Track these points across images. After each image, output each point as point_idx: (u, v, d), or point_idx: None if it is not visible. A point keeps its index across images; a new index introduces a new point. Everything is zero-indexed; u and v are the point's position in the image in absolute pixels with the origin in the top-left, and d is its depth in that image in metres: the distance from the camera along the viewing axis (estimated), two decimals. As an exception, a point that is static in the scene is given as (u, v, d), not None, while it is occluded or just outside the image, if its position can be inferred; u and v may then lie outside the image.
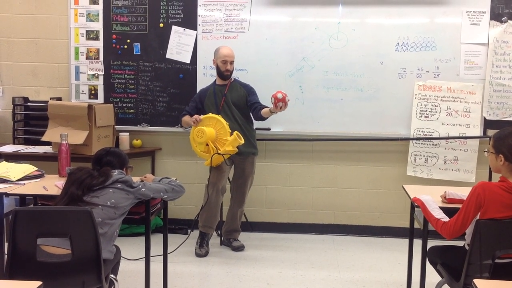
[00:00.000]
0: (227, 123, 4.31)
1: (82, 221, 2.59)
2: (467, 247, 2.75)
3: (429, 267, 3.14)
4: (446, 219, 2.77)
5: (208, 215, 4.54)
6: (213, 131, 4.28)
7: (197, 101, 4.63)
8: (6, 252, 2.96)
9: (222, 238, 4.84)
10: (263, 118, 4.42)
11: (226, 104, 4.50)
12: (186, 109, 4.64)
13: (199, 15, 5.02)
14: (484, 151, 2.89)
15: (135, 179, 3.18)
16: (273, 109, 4.17)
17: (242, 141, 4.24)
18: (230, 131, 4.28)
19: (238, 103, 4.52)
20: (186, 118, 4.53)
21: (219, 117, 4.34)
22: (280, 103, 4.09)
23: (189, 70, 5.07)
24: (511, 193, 2.57)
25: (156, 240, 3.87)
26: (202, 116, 4.39)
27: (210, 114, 4.40)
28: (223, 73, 4.50)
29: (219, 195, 4.52)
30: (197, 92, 4.81)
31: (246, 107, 4.55)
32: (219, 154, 4.22)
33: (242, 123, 4.50)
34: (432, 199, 2.96)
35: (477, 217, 2.63)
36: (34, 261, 2.58)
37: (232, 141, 4.19)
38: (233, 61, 4.54)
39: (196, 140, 4.28)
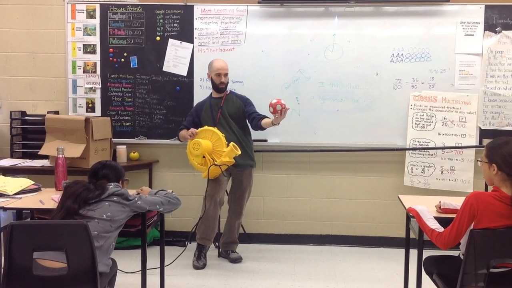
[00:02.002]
0: (223, 135, 4.33)
1: (78, 234, 2.59)
2: (462, 257, 2.75)
3: (425, 277, 3.15)
4: (441, 229, 2.78)
5: (206, 227, 4.54)
6: (209, 143, 4.29)
7: (194, 115, 4.65)
8: (2, 266, 2.96)
9: (220, 250, 4.84)
10: (262, 128, 4.42)
11: (223, 116, 4.52)
12: (184, 124, 4.66)
13: (196, 28, 5.06)
14: (478, 161, 2.91)
15: (132, 192, 3.19)
16: (275, 120, 4.18)
17: (239, 152, 4.26)
18: (227, 142, 4.30)
19: (235, 115, 4.54)
20: (183, 132, 4.55)
21: (215, 129, 4.36)
22: (278, 105, 4.08)
23: (186, 82, 5.09)
24: (504, 203, 2.59)
25: (154, 253, 3.88)
26: (198, 130, 4.41)
27: (205, 127, 4.43)
28: (218, 85, 4.53)
29: (217, 207, 4.53)
30: (194, 106, 4.83)
31: (243, 119, 4.56)
32: (216, 165, 4.23)
33: (239, 135, 4.52)
34: (427, 209, 2.98)
35: (471, 227, 2.63)
36: (30, 275, 2.58)
37: (228, 152, 4.21)
38: (227, 73, 4.57)
39: (192, 153, 4.29)
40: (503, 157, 2.63)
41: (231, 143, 4.25)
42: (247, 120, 4.57)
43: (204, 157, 4.28)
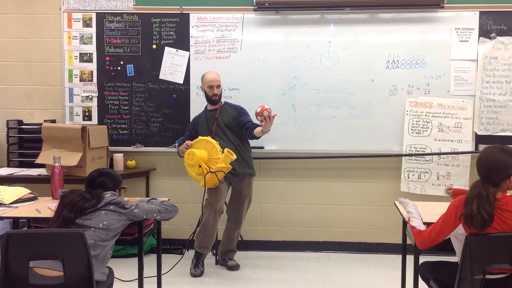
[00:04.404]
0: (217, 143, 4.34)
1: (74, 243, 2.59)
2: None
3: (422, 284, 3.15)
4: (423, 227, 2.84)
5: (205, 236, 4.53)
6: (204, 152, 4.29)
7: (191, 129, 4.66)
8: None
9: (218, 258, 4.84)
10: (256, 137, 4.44)
11: (219, 127, 4.53)
12: (182, 138, 4.67)
13: (192, 36, 5.07)
14: None
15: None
16: (264, 128, 4.19)
17: (234, 157, 4.25)
18: (221, 149, 4.30)
19: (231, 125, 4.55)
20: (181, 147, 4.55)
21: (209, 138, 4.37)
22: (264, 112, 4.08)
23: (182, 90, 5.11)
24: None
25: (151, 261, 3.88)
26: (192, 141, 4.42)
27: (199, 137, 4.44)
28: (211, 97, 4.55)
29: (216, 216, 4.51)
30: (191, 120, 4.83)
31: (239, 128, 4.57)
32: (211, 172, 4.22)
33: (237, 144, 4.52)
34: (416, 209, 3.03)
35: (462, 232, 2.65)
36: (26, 284, 2.57)
37: (223, 158, 4.21)
38: (220, 85, 4.58)
39: (188, 163, 4.28)
40: (478, 166, 2.72)
41: (226, 149, 4.26)
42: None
43: (200, 166, 4.27)
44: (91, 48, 5.14)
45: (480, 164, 2.69)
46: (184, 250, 4.96)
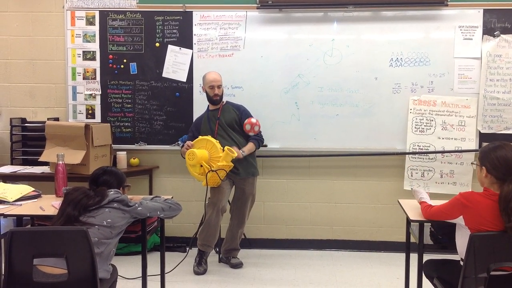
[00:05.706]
0: (217, 141, 4.34)
1: (78, 241, 2.59)
2: (461, 262, 2.78)
3: (426, 282, 3.15)
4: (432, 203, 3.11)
5: (207, 234, 4.53)
6: (205, 152, 4.28)
7: (194, 130, 4.66)
8: (2, 273, 2.96)
9: (221, 256, 4.84)
10: None
11: (221, 127, 4.53)
12: (185, 138, 4.67)
13: (195, 34, 5.07)
14: (472, 163, 3.00)
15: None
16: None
17: (235, 154, 4.24)
18: (222, 148, 4.29)
19: (232, 124, 4.56)
20: (182, 148, 4.55)
21: (209, 137, 4.36)
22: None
23: (186, 88, 5.10)
24: (492, 200, 2.70)
25: (155, 259, 3.88)
26: (193, 141, 4.41)
27: (200, 137, 4.43)
28: (212, 98, 4.56)
29: (219, 215, 4.51)
30: (193, 121, 4.82)
31: (241, 128, 4.57)
32: (213, 171, 4.22)
33: (240, 143, 4.52)
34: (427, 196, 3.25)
35: (467, 231, 2.66)
36: (30, 281, 2.58)
37: (224, 156, 4.20)
38: (221, 85, 4.58)
39: (189, 163, 4.27)
40: (492, 161, 2.76)
41: (226, 147, 4.25)
42: None
43: (201, 166, 4.27)
44: (94, 46, 5.14)
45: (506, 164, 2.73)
46: (187, 248, 4.95)
